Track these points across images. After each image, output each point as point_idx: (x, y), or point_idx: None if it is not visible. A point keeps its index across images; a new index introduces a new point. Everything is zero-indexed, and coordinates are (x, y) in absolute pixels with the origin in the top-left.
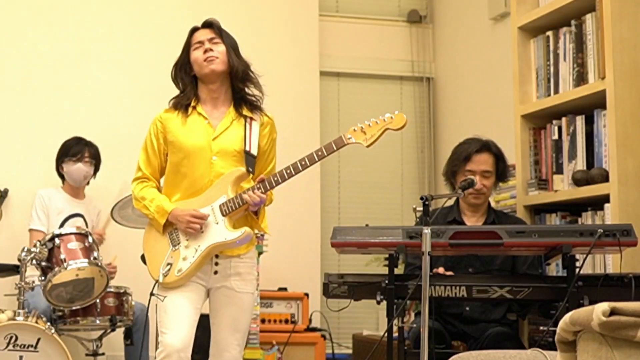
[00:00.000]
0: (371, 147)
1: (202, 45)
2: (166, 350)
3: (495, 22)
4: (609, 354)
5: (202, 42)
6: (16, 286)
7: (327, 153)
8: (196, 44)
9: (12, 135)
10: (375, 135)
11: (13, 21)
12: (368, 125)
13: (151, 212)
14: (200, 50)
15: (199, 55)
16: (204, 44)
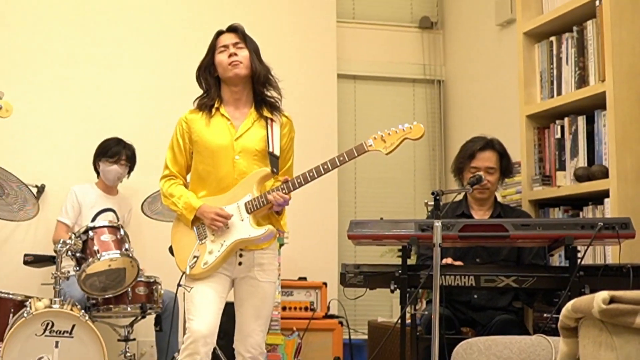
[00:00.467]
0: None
1: (227, 49)
2: (193, 336)
3: (502, 28)
4: (609, 339)
5: (227, 46)
6: (52, 276)
7: (349, 158)
8: (221, 48)
9: (49, 133)
10: (395, 144)
11: (53, 26)
12: (388, 133)
13: (179, 209)
14: (225, 54)
15: (224, 58)
16: (229, 48)
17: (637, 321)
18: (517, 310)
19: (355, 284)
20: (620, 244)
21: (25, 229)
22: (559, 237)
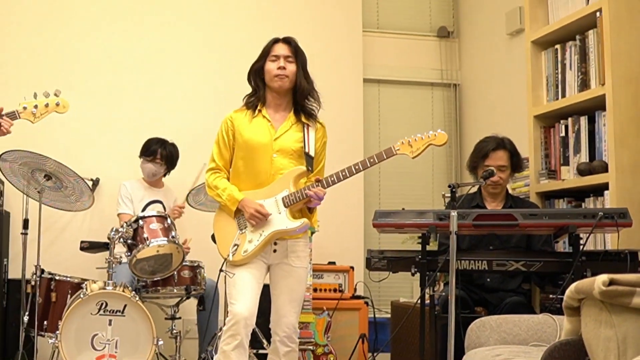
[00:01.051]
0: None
1: (278, 60)
2: (235, 318)
3: (512, 37)
4: (608, 317)
5: (279, 57)
6: (106, 261)
7: (379, 160)
8: (273, 57)
9: (103, 132)
10: (420, 149)
11: (107, 36)
12: (414, 139)
13: (223, 200)
14: (275, 64)
15: (273, 68)
16: (280, 59)
17: (634, 301)
18: (526, 292)
19: (379, 268)
20: (618, 231)
21: (82, 219)
22: (563, 226)
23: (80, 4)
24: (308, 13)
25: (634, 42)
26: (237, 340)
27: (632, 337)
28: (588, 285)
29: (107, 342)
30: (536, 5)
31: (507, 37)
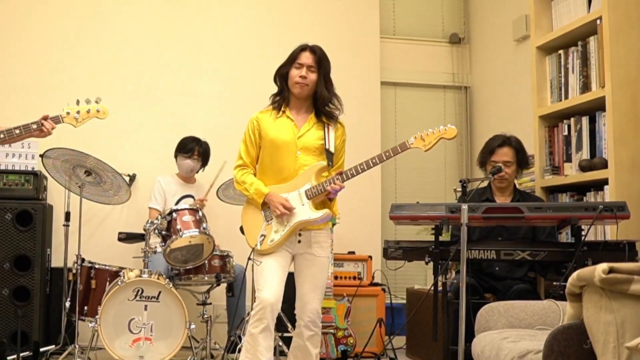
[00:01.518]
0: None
1: (301, 69)
2: (262, 304)
3: (518, 43)
4: (607, 303)
5: (302, 66)
6: (142, 250)
7: (394, 154)
8: (297, 64)
9: (140, 131)
10: (432, 143)
11: (142, 42)
12: (426, 134)
13: (251, 194)
14: (298, 71)
15: (295, 75)
16: (303, 68)
17: (632, 288)
18: (531, 280)
19: (395, 257)
20: (617, 223)
21: (119, 211)
22: (566, 218)
23: (118, 16)
24: (329, 21)
25: (631, 47)
26: (263, 324)
27: (630, 321)
28: (589, 273)
29: (143, 326)
30: (541, 14)
31: (514, 43)
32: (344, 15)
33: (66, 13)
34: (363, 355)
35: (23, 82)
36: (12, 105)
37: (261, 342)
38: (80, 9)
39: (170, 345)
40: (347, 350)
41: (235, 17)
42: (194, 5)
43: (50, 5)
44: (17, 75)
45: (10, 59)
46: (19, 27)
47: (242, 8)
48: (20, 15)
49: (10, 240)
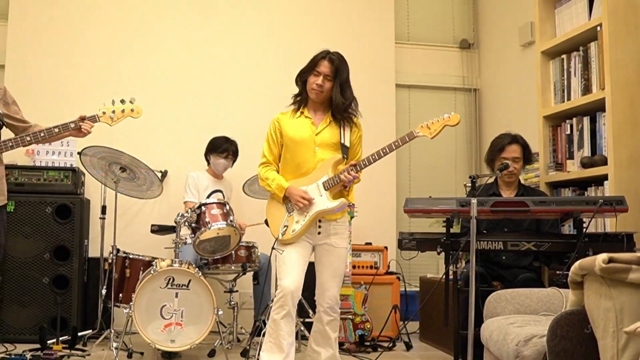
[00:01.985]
0: (433, 139)
1: (319, 76)
2: (283, 292)
3: (524, 48)
4: (607, 290)
5: (320, 74)
6: (173, 241)
7: (402, 143)
8: (316, 71)
9: (171, 130)
10: (437, 130)
11: (174, 46)
12: (432, 122)
13: (273, 189)
14: (315, 79)
15: (312, 82)
16: (320, 77)
17: (630, 277)
18: (536, 269)
19: (409, 248)
20: (616, 216)
21: (152, 205)
22: (569, 211)
23: (153, 26)
24: (348, 28)
25: (629, 52)
26: (285, 310)
27: (628, 307)
28: (590, 263)
29: (174, 312)
30: (545, 21)
31: (520, 48)
32: (361, 22)
33: (107, 22)
34: (379, 339)
35: (65, 84)
36: (53, 106)
37: (283, 327)
38: (119, 19)
39: (200, 330)
40: (365, 335)
41: (261, 25)
42: (223, 15)
43: (91, 15)
44: (58, 78)
45: (53, 63)
46: (62, 34)
47: (268, 17)
48: (63, 23)
49: (50, 232)
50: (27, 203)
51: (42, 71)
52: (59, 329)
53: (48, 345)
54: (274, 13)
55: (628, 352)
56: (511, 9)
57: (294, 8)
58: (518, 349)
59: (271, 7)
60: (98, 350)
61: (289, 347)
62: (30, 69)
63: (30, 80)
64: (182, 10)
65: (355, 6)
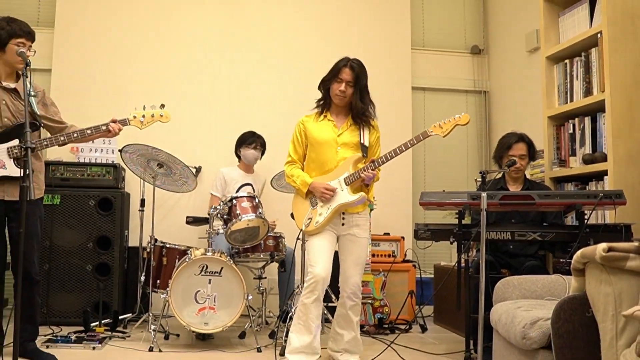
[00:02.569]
0: (446, 138)
1: (341, 83)
2: (314, 278)
3: (530, 53)
4: (607, 277)
5: (342, 80)
6: (206, 232)
7: (417, 142)
8: (339, 79)
9: (204, 129)
10: (449, 129)
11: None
12: (443, 122)
13: (297, 185)
14: (338, 85)
15: (336, 88)
16: (343, 83)
17: (628, 264)
18: (541, 257)
19: (424, 238)
20: (615, 209)
21: (187, 199)
22: (571, 204)
23: (186, 30)
24: (368, 35)
25: (627, 57)
26: (315, 295)
27: (626, 293)
28: (591, 252)
29: (208, 297)
30: (550, 28)
31: (527, 54)
32: (380, 30)
33: (146, 32)
34: (397, 322)
35: (106, 88)
36: (95, 108)
37: (312, 311)
38: (157, 29)
39: (231, 313)
40: (383, 318)
41: (286, 34)
42: (252, 25)
43: (132, 24)
44: (101, 82)
45: (96, 68)
46: (104, 42)
47: (292, 26)
48: (105, 31)
49: (93, 223)
50: (72, 197)
51: (85, 75)
52: (102, 313)
53: (91, 328)
54: (299, 23)
55: (626, 334)
56: (518, 17)
57: (317, 17)
58: (525, 331)
59: (296, 17)
60: (137, 333)
61: (316, 329)
62: (74, 73)
63: (74, 84)
64: (214, 20)
65: (374, 15)
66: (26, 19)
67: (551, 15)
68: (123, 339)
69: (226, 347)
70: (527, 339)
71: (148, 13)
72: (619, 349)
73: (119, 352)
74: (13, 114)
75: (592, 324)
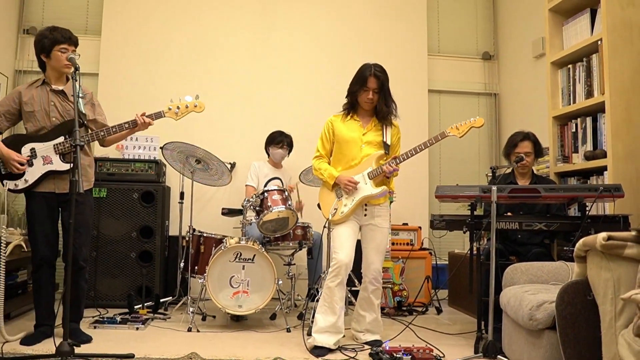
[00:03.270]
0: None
1: (369, 91)
2: (338, 264)
3: (537, 59)
4: (607, 264)
5: (369, 89)
6: (240, 222)
7: (435, 141)
8: (366, 87)
9: (239, 128)
10: (465, 131)
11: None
12: (460, 124)
13: (325, 177)
14: (366, 94)
15: (364, 97)
16: (370, 92)
17: (626, 252)
18: (547, 245)
19: (440, 227)
20: (614, 201)
21: (222, 192)
22: (574, 197)
23: (222, 38)
24: (388, 42)
25: (625, 63)
26: (339, 279)
27: (624, 278)
28: (592, 240)
29: (241, 281)
30: (554, 36)
31: (533, 59)
32: (399, 38)
33: (186, 40)
34: (414, 305)
35: (150, 91)
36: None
37: (336, 293)
38: (196, 37)
39: (263, 296)
40: (402, 301)
41: (313, 42)
42: (281, 35)
43: (173, 32)
44: (144, 85)
45: (140, 73)
46: (148, 48)
47: (318, 34)
48: (149, 39)
49: (136, 214)
50: (117, 190)
51: (128, 78)
52: (144, 296)
53: (135, 310)
54: (324, 31)
55: (624, 316)
56: (525, 26)
57: (341, 26)
58: (531, 313)
59: (321, 25)
60: (177, 314)
61: (340, 310)
62: (120, 77)
63: (120, 87)
64: (247, 30)
65: (394, 24)
66: (75, 28)
67: (555, 24)
68: (164, 320)
69: (258, 327)
70: (534, 320)
71: (186, 23)
72: (617, 329)
73: (160, 332)
74: (61, 114)
75: (593, 307)
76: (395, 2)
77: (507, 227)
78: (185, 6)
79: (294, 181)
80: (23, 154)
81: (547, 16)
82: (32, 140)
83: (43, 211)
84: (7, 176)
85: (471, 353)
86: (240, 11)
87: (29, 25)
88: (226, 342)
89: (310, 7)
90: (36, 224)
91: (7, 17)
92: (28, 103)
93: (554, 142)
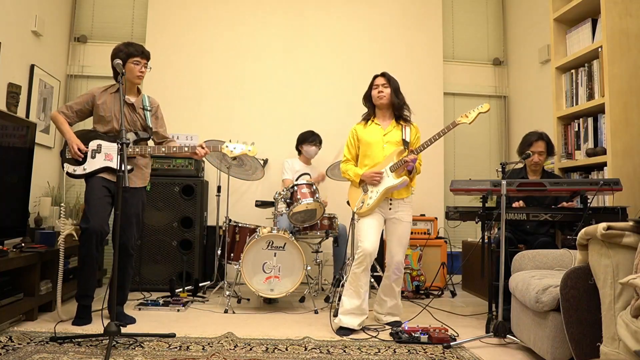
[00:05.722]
0: (472, 135)
1: (378, 87)
2: (364, 253)
3: (543, 64)
4: (606, 251)
5: (378, 85)
6: (272, 213)
7: (447, 130)
8: (374, 86)
9: (271, 127)
10: (473, 117)
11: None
12: (469, 112)
13: (352, 177)
14: (376, 90)
15: (375, 93)
16: (379, 87)
17: (624, 240)
18: (552, 234)
19: (454, 218)
20: (613, 194)
21: (256, 186)
22: (577, 190)
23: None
24: (407, 49)
25: (623, 68)
26: (363, 266)
27: (622, 264)
28: (593, 230)
29: (273, 267)
30: (559, 43)
31: (540, 65)
32: (417, 45)
33: (226, 47)
34: (431, 288)
35: (192, 96)
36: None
37: (361, 279)
38: (234, 44)
39: (293, 281)
40: (419, 285)
41: (338, 49)
42: (311, 43)
43: (214, 40)
44: (187, 91)
45: (182, 79)
46: (190, 55)
47: (343, 42)
48: (191, 47)
49: (177, 206)
50: (160, 184)
51: (171, 84)
52: (185, 281)
53: (176, 294)
54: (350, 39)
55: (622, 299)
56: (532, 34)
57: (365, 35)
58: (538, 296)
59: (347, 33)
60: (214, 297)
61: (364, 294)
62: (163, 82)
63: (163, 91)
64: (280, 36)
65: (412, 33)
66: (121, 36)
67: (560, 32)
68: (202, 303)
69: (288, 309)
70: (540, 303)
71: (225, 31)
72: (616, 311)
73: (199, 313)
74: (129, 123)
75: (594, 290)
76: (414, 13)
77: (516, 218)
78: (224, 15)
79: (321, 173)
80: (89, 147)
81: (552, 25)
82: (101, 139)
83: (101, 190)
84: (69, 160)
85: (483, 333)
86: (274, 22)
87: (79, 34)
88: (259, 322)
89: (338, 18)
90: (93, 198)
91: (60, 27)
92: (101, 107)
93: (559, 140)
